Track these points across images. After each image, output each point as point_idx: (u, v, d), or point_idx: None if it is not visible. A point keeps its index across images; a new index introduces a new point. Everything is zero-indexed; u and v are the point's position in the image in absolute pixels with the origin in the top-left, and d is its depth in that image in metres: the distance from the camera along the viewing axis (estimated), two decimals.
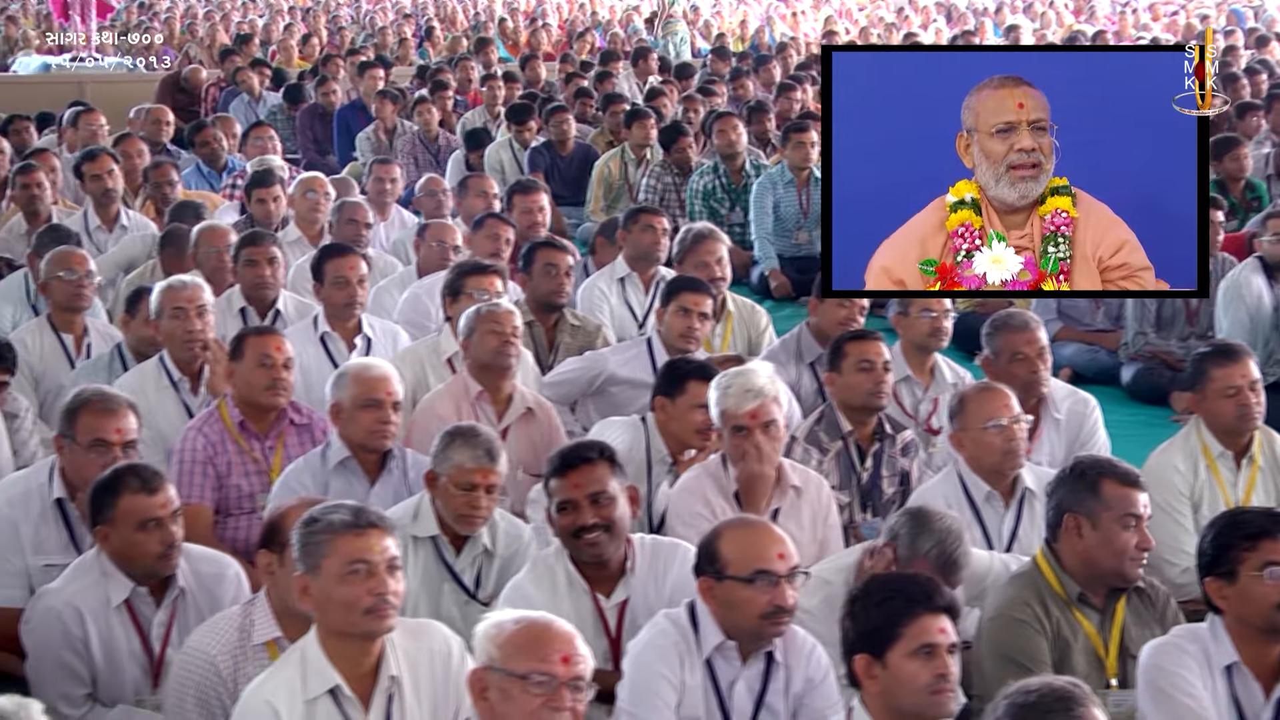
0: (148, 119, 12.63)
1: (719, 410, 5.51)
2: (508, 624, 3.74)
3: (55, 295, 7.51)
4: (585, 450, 4.95)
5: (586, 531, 4.82)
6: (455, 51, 19.87)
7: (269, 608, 4.60)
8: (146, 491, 4.86)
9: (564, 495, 4.86)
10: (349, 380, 5.80)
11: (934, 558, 4.78)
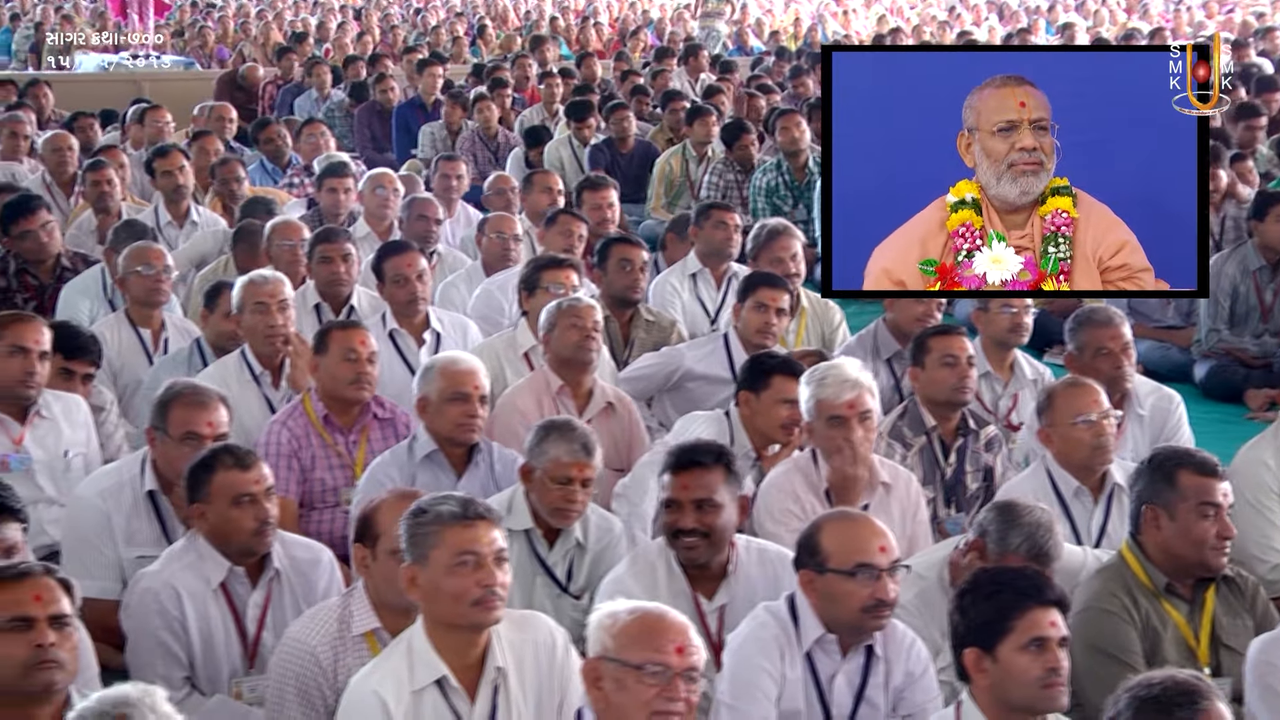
0: (211, 116, 12.69)
1: (814, 401, 5.51)
2: (622, 614, 3.75)
3: (133, 290, 7.55)
4: (701, 453, 4.93)
5: (684, 535, 4.83)
6: (509, 49, 19.92)
7: (367, 599, 4.62)
8: (240, 468, 4.92)
9: (670, 494, 4.86)
10: (436, 374, 5.82)
11: (1024, 551, 4.76)
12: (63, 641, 3.89)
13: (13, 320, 6.16)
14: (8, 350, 6.04)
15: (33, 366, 6.05)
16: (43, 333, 6.13)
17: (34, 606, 3.88)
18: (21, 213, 8.41)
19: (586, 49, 18.95)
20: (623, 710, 3.70)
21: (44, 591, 3.90)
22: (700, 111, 12.52)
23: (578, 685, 4.25)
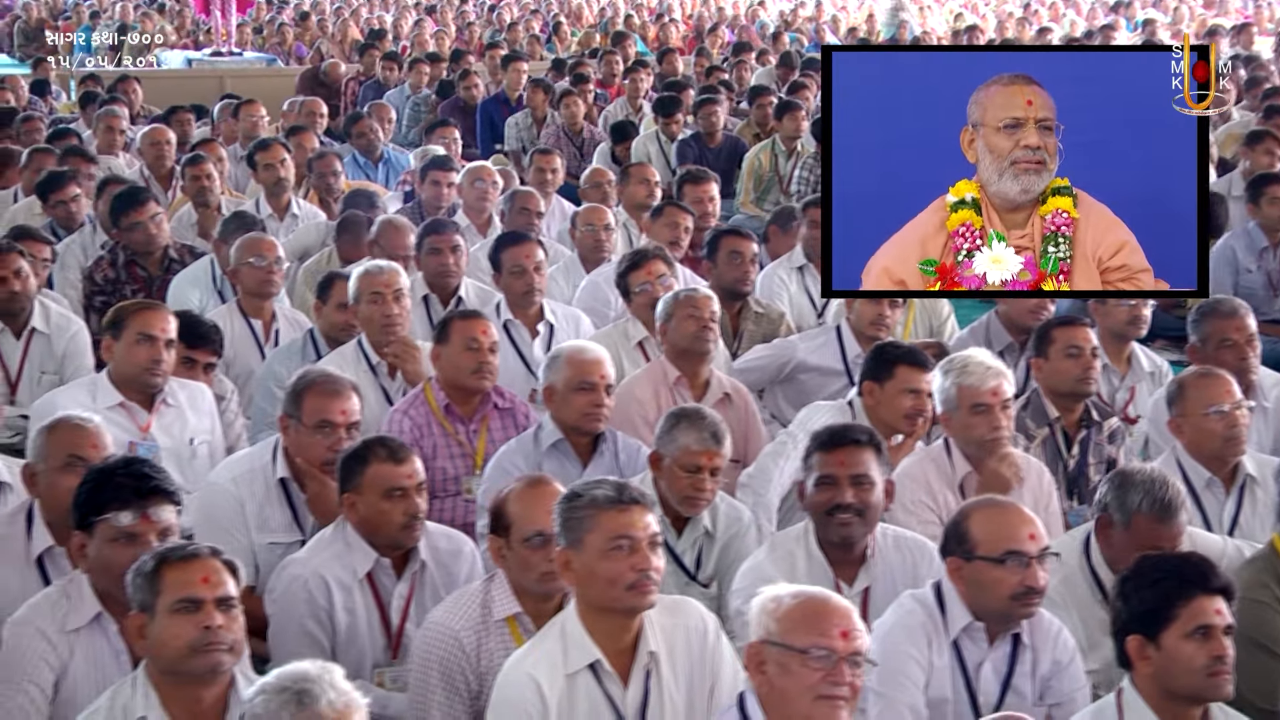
0: (303, 111, 12.77)
1: (955, 389, 5.50)
2: (786, 598, 3.75)
3: (245, 281, 7.60)
4: (855, 431, 4.97)
5: (841, 510, 4.83)
6: (586, 46, 19.96)
7: (508, 584, 4.64)
8: (394, 461, 4.94)
9: (827, 470, 4.86)
10: (563, 363, 5.84)
11: (1147, 508, 4.76)
12: (229, 623, 3.92)
13: (140, 309, 6.23)
14: (135, 338, 6.10)
15: (159, 354, 6.11)
16: (169, 321, 6.19)
17: (202, 588, 3.91)
18: (131, 205, 8.48)
19: (665, 45, 18.94)
20: (786, 694, 3.70)
21: (211, 574, 3.94)
22: (790, 106, 12.50)
23: (729, 671, 4.28)
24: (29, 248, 7.62)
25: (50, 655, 4.36)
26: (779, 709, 3.71)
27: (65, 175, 9.54)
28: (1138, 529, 4.77)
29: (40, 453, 4.95)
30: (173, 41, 21.51)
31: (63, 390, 6.31)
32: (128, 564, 4.28)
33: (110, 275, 8.49)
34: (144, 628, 3.94)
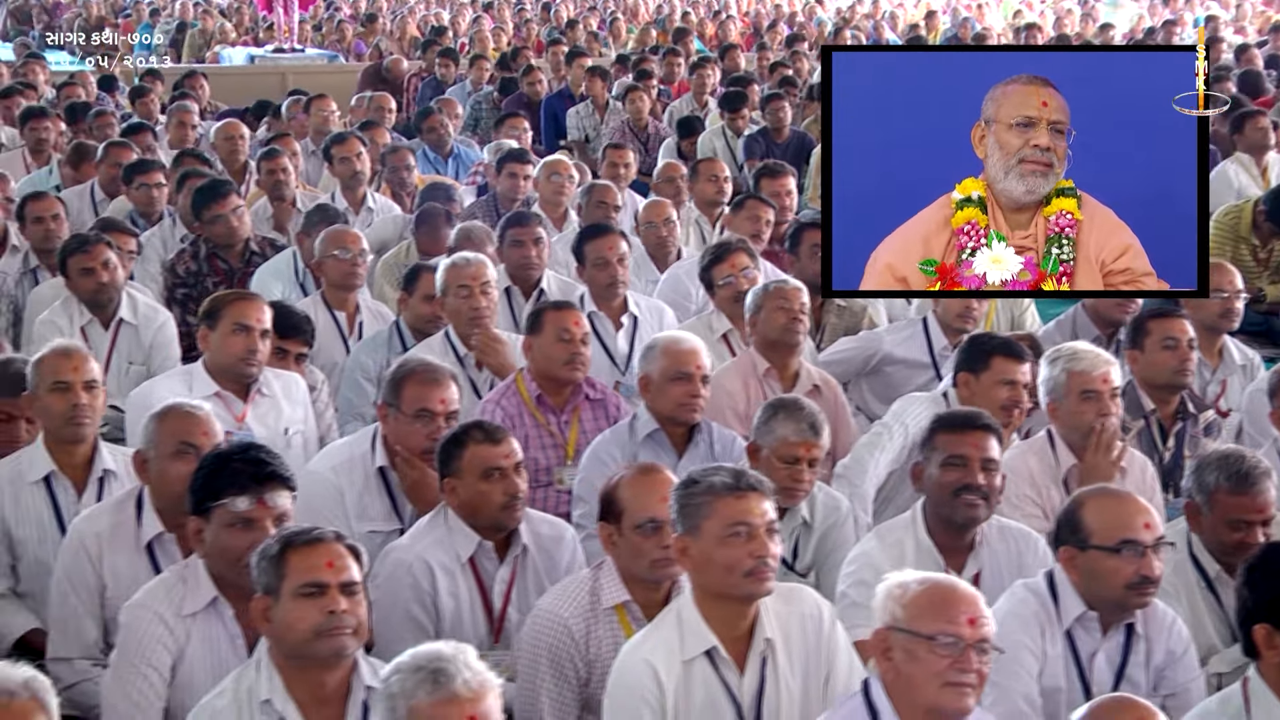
0: (372, 106, 12.81)
1: (1065, 376, 5.50)
2: (912, 584, 3.75)
3: (329, 273, 7.64)
4: (983, 417, 5.01)
5: (969, 491, 4.84)
6: (645, 43, 19.96)
7: (617, 572, 4.65)
8: (491, 442, 4.96)
9: (958, 450, 4.87)
10: (659, 353, 5.85)
11: (1224, 482, 4.79)
12: (353, 607, 3.94)
13: (235, 299, 6.26)
14: (230, 328, 6.12)
15: (255, 344, 6.14)
16: (264, 311, 6.22)
17: (326, 573, 3.93)
18: (213, 198, 8.53)
19: (724, 42, 18.93)
20: (913, 681, 3.70)
21: (336, 558, 3.96)
22: None
23: (844, 658, 4.29)
24: (115, 239, 7.67)
25: (167, 639, 4.39)
26: (905, 695, 3.71)
27: (152, 162, 9.62)
28: (1219, 506, 4.80)
29: (151, 440, 4.98)
30: (232, 39, 21.59)
31: (159, 380, 6.36)
32: (244, 549, 4.33)
33: (192, 268, 8.54)
34: (268, 611, 3.96)
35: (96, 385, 5.52)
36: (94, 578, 4.99)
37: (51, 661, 5.00)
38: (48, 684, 3.47)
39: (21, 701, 3.40)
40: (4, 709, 3.38)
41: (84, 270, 7.32)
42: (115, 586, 4.98)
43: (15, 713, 3.39)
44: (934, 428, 4.98)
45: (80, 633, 5.01)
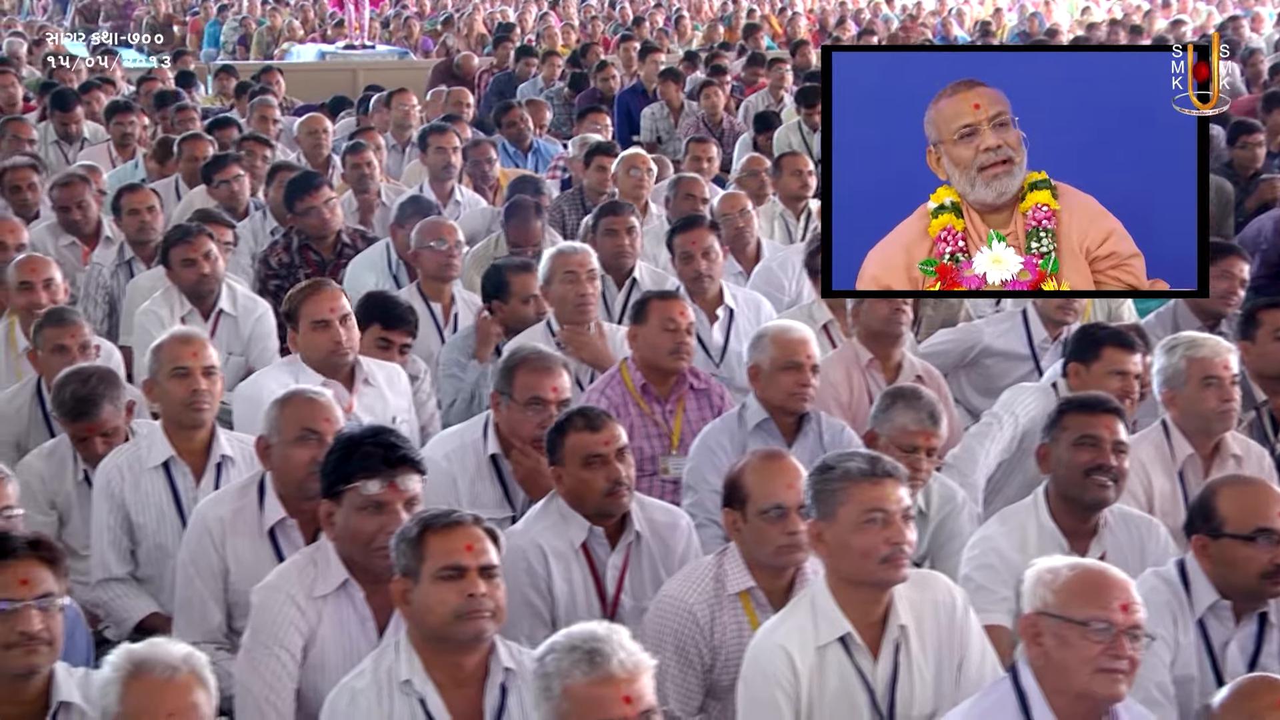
0: (449, 101, 12.85)
1: (1185, 362, 5.48)
2: (1063, 570, 3.74)
3: (426, 265, 7.66)
4: (1112, 400, 5.01)
5: (1101, 472, 4.83)
6: (711, 40, 19.96)
7: (741, 558, 4.66)
8: (591, 429, 4.97)
9: (1090, 431, 4.87)
10: (769, 342, 5.85)
11: None
12: (492, 591, 3.95)
13: (305, 297, 6.25)
14: (310, 326, 6.16)
15: (337, 334, 6.16)
16: (339, 299, 6.23)
17: (466, 556, 3.94)
18: (305, 189, 8.57)
19: (794, 38, 18.90)
20: (1065, 666, 3.68)
21: (475, 541, 3.97)
22: None
23: (977, 645, 4.28)
24: (213, 231, 7.71)
25: (299, 621, 4.41)
26: (1055, 681, 3.70)
27: (228, 157, 9.66)
28: None
29: (274, 426, 5.00)
30: (300, 36, 21.70)
31: (266, 372, 6.39)
32: (374, 532, 4.36)
33: (284, 260, 8.59)
34: (407, 593, 3.98)
35: (215, 371, 5.56)
36: (218, 562, 5.02)
37: None
38: (205, 660, 3.51)
39: (183, 677, 3.44)
40: (167, 684, 3.42)
41: (186, 261, 7.36)
42: (238, 571, 5.01)
43: (178, 688, 3.43)
44: (1063, 409, 4.97)
45: (205, 617, 5.04)
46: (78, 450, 5.71)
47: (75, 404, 5.61)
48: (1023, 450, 5.99)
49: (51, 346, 6.19)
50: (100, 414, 5.62)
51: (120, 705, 3.43)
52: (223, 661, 4.78)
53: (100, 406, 5.62)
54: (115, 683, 3.45)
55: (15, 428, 6.17)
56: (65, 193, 8.78)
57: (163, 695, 3.41)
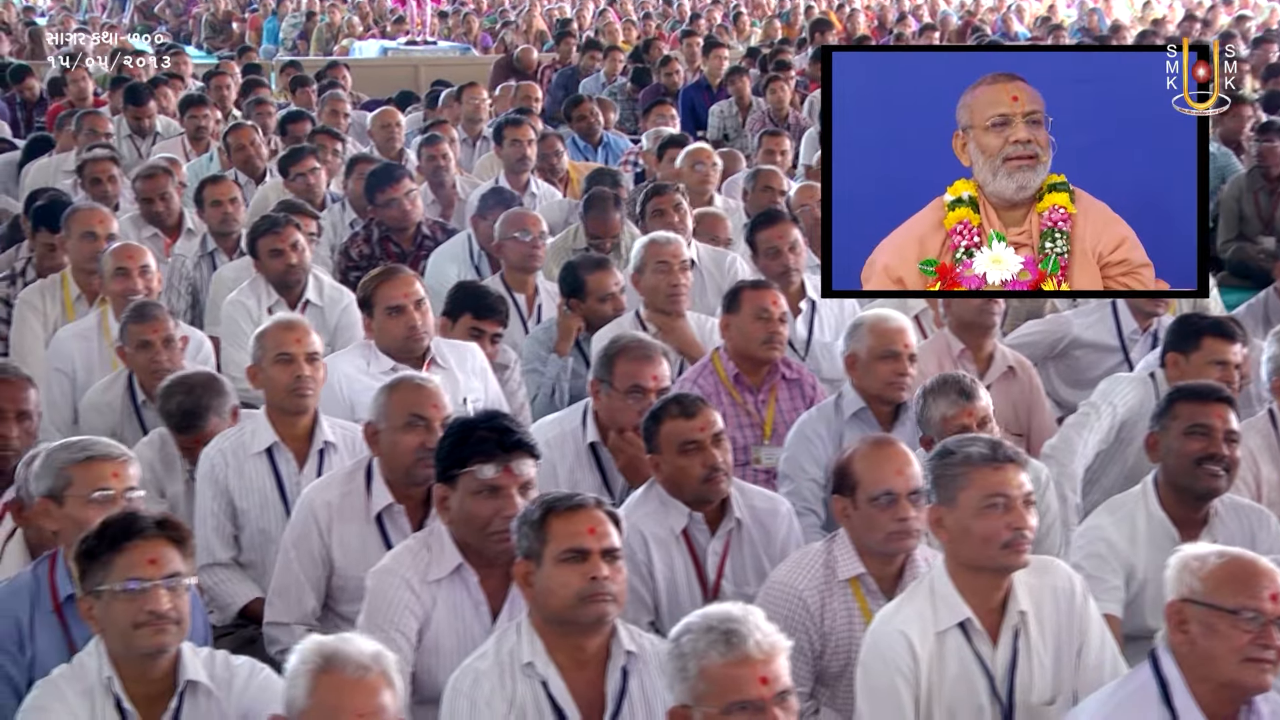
0: (518, 95, 12.89)
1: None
2: (1210, 557, 3.72)
3: (509, 256, 7.68)
4: (1223, 389, 4.98)
5: (1213, 461, 4.81)
6: (770, 36, 19.95)
7: (851, 544, 4.65)
8: (686, 416, 4.98)
9: (1201, 419, 4.85)
10: (865, 331, 5.84)
11: None
12: (614, 574, 3.95)
13: (379, 283, 6.28)
14: (385, 312, 6.19)
15: (412, 320, 6.18)
16: (413, 284, 6.26)
17: (589, 539, 3.94)
18: (386, 181, 8.62)
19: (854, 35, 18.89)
20: (1211, 655, 3.66)
21: (598, 524, 3.97)
22: None
23: (1095, 631, 4.26)
24: (300, 221, 7.75)
25: (414, 604, 4.43)
26: (1200, 669, 3.68)
27: (304, 150, 9.71)
28: None
29: (381, 412, 5.01)
30: (359, 32, 21.79)
31: (339, 356, 6.38)
32: (490, 517, 4.37)
33: (365, 251, 8.63)
34: (530, 576, 3.98)
35: (318, 357, 5.58)
36: (320, 548, 5.04)
37: (269, 625, 5.07)
38: (394, 660, 3.50)
39: (373, 677, 3.43)
40: (358, 683, 3.41)
41: (273, 251, 7.40)
42: (344, 556, 5.03)
43: (368, 688, 3.41)
44: (1174, 397, 4.95)
45: (300, 600, 5.07)
46: (183, 455, 5.74)
47: (182, 416, 5.65)
48: (1120, 440, 5.97)
49: (136, 342, 6.21)
50: (206, 426, 5.63)
51: (309, 700, 3.40)
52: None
53: (206, 419, 5.64)
54: (304, 676, 3.42)
55: (109, 420, 6.20)
56: (149, 184, 8.82)
57: (353, 694, 3.39)
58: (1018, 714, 4.16)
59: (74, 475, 4.40)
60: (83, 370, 6.82)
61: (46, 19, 23.96)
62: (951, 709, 4.15)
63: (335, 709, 3.36)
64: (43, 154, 11.02)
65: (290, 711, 3.42)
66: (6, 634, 4.30)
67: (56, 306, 7.42)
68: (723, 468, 4.99)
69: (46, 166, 10.58)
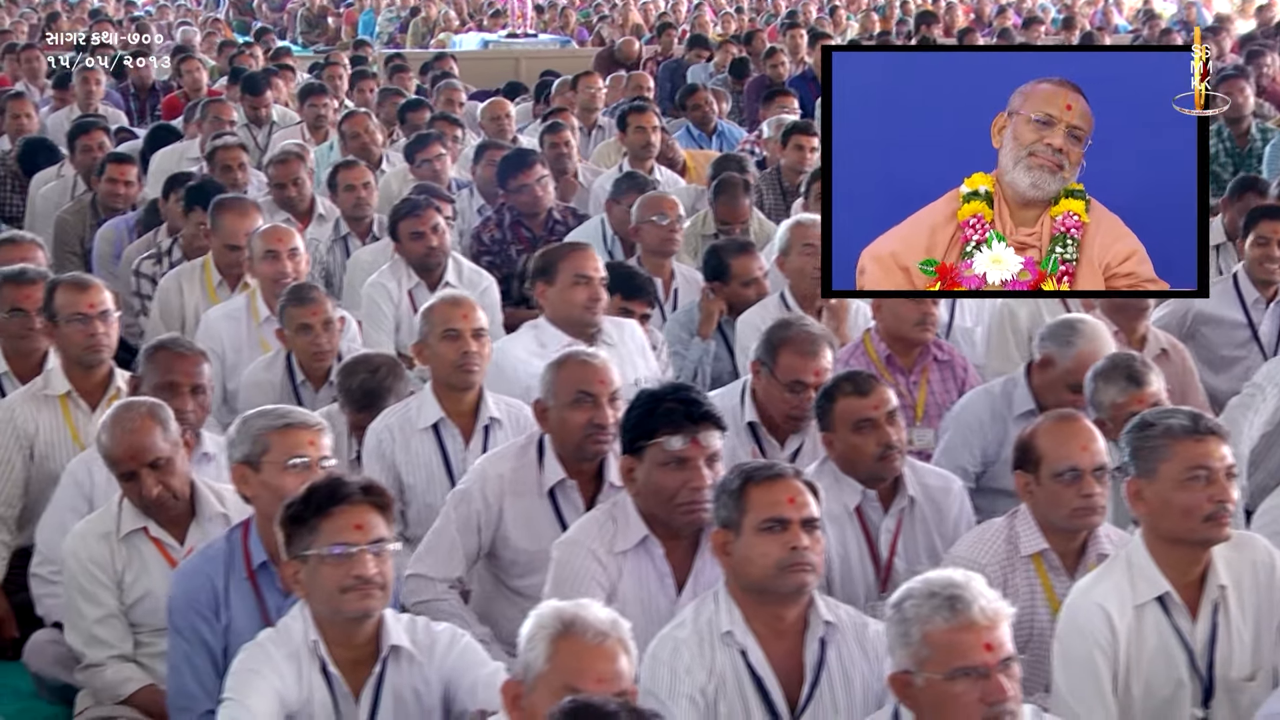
0: (630, 85, 12.92)
1: None
2: None
3: (647, 240, 7.68)
4: None
5: None
6: (868, 30, 19.89)
7: (1033, 520, 4.63)
8: (859, 394, 4.98)
9: None
10: (1080, 339, 5.77)
11: None
12: (814, 544, 3.95)
13: (570, 251, 6.29)
14: (571, 280, 6.16)
15: (596, 293, 6.19)
16: (599, 261, 6.28)
17: (788, 509, 3.94)
18: (518, 167, 8.65)
19: (953, 27, 18.81)
20: None
21: (797, 494, 3.97)
22: None
23: None
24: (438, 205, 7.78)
25: (601, 576, 4.44)
26: None
27: (430, 136, 9.75)
28: None
29: (550, 390, 5.01)
30: (455, 26, 21.89)
31: (511, 340, 6.40)
32: (677, 488, 4.37)
33: (496, 236, 8.67)
34: (728, 545, 3.98)
35: (484, 333, 5.60)
36: (480, 518, 5.02)
37: (412, 577, 5.02)
38: (629, 627, 3.50)
39: (611, 643, 3.43)
40: (598, 649, 3.41)
41: (414, 234, 7.44)
42: (516, 530, 5.04)
43: (608, 654, 3.41)
44: None
45: (450, 560, 5.04)
46: (351, 433, 5.77)
47: (363, 395, 5.68)
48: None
49: (296, 325, 6.26)
50: (384, 406, 5.65)
51: (548, 664, 3.39)
52: (452, 601, 4.90)
53: (384, 400, 5.67)
54: (543, 640, 3.42)
55: (268, 397, 6.22)
56: (281, 169, 8.89)
57: (594, 659, 3.38)
58: (1217, 689, 4.13)
59: (271, 442, 4.44)
60: (231, 351, 6.88)
61: (144, 14, 24.18)
62: (1149, 683, 4.11)
63: (576, 672, 3.36)
64: (166, 143, 11.11)
65: (527, 675, 3.42)
66: (204, 600, 4.36)
67: (197, 291, 7.48)
68: (897, 445, 4.98)
69: (171, 154, 10.67)
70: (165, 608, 4.54)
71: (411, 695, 3.99)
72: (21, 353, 6.20)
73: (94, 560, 4.85)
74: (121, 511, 4.91)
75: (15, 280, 6.15)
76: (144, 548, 4.89)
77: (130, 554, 4.88)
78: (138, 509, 4.90)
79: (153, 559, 4.88)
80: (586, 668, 3.37)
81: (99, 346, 5.85)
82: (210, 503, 4.95)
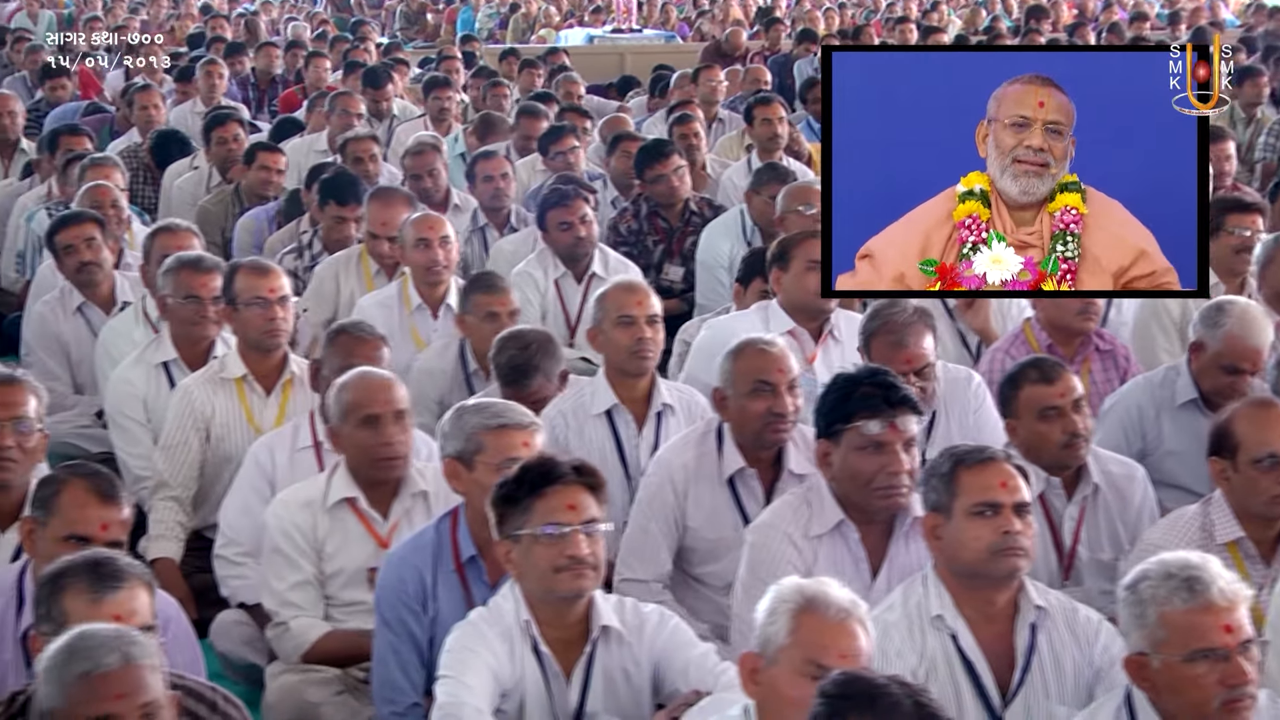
0: (747, 78, 12.92)
1: None
2: None
3: (792, 229, 7.58)
4: None
5: None
6: (973, 25, 19.77)
7: (1229, 507, 4.59)
8: (1045, 381, 4.98)
9: None
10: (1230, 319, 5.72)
11: None
12: (1025, 529, 3.95)
13: (804, 239, 6.15)
14: (805, 266, 6.07)
15: None
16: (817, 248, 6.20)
17: (1001, 493, 3.94)
18: (656, 158, 8.67)
19: (1059, 22, 18.66)
20: None
21: (1009, 478, 3.98)
22: (1250, 72, 12.17)
23: None
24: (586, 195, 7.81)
25: (796, 560, 4.43)
26: None
27: (563, 129, 9.78)
28: None
29: (728, 379, 5.00)
30: (555, 22, 21.93)
31: (735, 317, 6.39)
32: (874, 472, 4.37)
33: (633, 226, 8.70)
34: (937, 529, 3.98)
35: (658, 320, 5.60)
36: (675, 509, 5.06)
37: (623, 583, 5.03)
38: (867, 608, 3.50)
39: (854, 621, 3.43)
40: (841, 626, 3.41)
41: (562, 224, 7.47)
42: (697, 517, 5.06)
43: (850, 631, 3.42)
44: None
45: (656, 559, 5.08)
46: None
47: (511, 370, 5.64)
48: None
49: (483, 313, 6.27)
50: (531, 384, 5.61)
51: (789, 637, 3.40)
52: (669, 601, 4.85)
53: (533, 377, 5.62)
54: (785, 615, 3.42)
55: (440, 384, 6.29)
56: (418, 160, 8.94)
57: (836, 635, 3.39)
58: None
59: (486, 442, 4.45)
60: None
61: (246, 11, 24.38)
62: None
63: (820, 648, 3.36)
64: (290, 136, 11.21)
65: (767, 649, 3.43)
66: (412, 591, 4.38)
67: (353, 279, 7.54)
68: (1083, 433, 4.95)
69: (299, 147, 10.75)
70: (360, 582, 4.57)
71: (621, 675, 4.01)
72: (191, 339, 6.26)
73: (297, 526, 4.90)
74: (332, 481, 4.96)
75: (193, 266, 6.21)
76: (348, 519, 4.94)
77: (334, 525, 4.93)
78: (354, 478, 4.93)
79: (355, 531, 4.93)
80: (830, 643, 3.37)
81: (277, 331, 5.91)
82: (413, 479, 4.99)
